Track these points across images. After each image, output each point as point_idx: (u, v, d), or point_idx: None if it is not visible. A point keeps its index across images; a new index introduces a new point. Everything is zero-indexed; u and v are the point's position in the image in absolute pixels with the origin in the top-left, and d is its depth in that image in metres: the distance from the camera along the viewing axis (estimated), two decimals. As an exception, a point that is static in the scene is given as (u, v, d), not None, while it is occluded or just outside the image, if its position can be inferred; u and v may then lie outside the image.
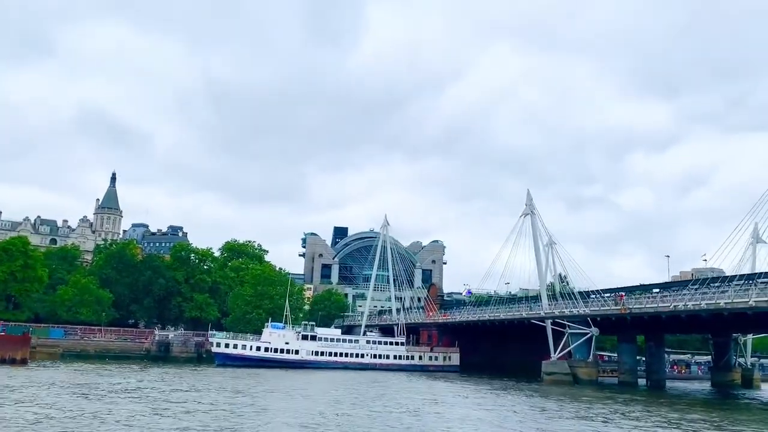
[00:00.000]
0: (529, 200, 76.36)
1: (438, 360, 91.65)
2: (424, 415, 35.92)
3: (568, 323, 74.41)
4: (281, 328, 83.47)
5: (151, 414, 30.27)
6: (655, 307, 55.41)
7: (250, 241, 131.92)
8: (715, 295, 49.10)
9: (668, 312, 53.85)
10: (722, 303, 47.58)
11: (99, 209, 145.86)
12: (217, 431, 26.34)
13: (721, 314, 53.10)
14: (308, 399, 43.33)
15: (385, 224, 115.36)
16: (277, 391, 48.46)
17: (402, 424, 31.52)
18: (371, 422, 31.52)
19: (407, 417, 34.71)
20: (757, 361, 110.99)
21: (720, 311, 49.24)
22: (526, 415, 37.90)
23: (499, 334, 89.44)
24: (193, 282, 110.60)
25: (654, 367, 76.59)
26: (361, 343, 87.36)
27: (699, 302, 49.72)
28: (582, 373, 71.99)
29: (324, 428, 28.72)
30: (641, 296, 64.59)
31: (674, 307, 52.39)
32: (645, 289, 65.52)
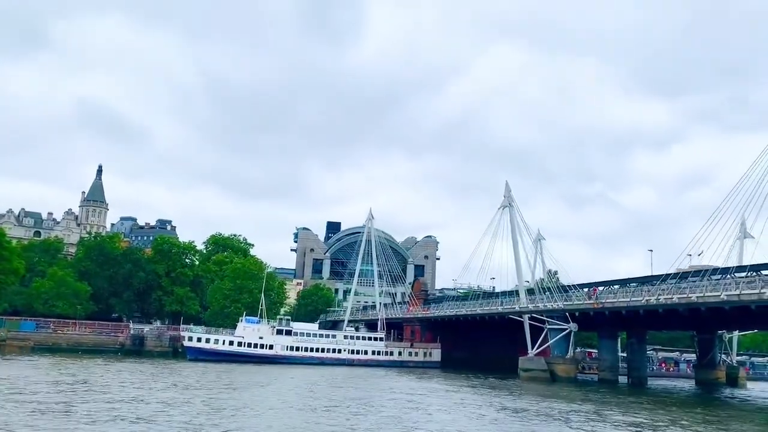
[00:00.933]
0: (508, 192, 74.45)
1: (418, 356, 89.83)
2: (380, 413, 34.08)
3: (547, 319, 72.63)
4: (256, 322, 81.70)
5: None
6: (627, 301, 53.46)
7: (236, 234, 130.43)
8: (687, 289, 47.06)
9: (643, 306, 51.91)
10: (694, 297, 45.55)
11: (84, 202, 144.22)
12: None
13: (698, 309, 51.18)
14: (263, 392, 41.52)
15: (369, 218, 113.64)
16: (237, 387, 46.59)
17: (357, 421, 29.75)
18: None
19: (364, 414, 32.94)
20: (748, 359, 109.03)
21: (695, 306, 47.23)
22: (494, 415, 35.94)
23: (480, 330, 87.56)
24: (174, 275, 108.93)
25: (635, 364, 74.84)
26: (339, 339, 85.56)
27: (671, 296, 47.70)
28: (560, 370, 70.17)
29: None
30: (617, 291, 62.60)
31: (646, 301, 50.41)
32: (623, 284, 63.46)
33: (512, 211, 73.42)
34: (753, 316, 48.60)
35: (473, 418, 34.33)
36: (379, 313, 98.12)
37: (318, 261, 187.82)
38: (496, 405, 40.92)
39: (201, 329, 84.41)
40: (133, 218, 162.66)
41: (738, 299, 42.03)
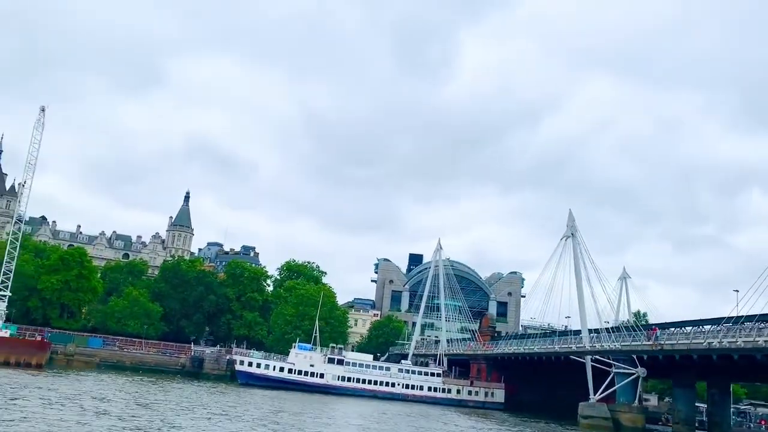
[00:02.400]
0: (571, 221, 69.38)
1: (478, 395, 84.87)
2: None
3: (614, 362, 66.28)
4: (309, 349, 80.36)
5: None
6: (687, 343, 47.11)
7: (310, 261, 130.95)
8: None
9: (703, 351, 45.46)
10: (761, 341, 39.14)
11: (171, 226, 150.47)
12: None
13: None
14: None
15: (438, 249, 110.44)
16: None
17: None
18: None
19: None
20: None
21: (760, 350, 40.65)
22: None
23: (551, 372, 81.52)
24: (243, 300, 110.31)
25: (716, 418, 66.45)
26: (393, 372, 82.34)
27: (735, 339, 41.34)
28: (625, 419, 63.35)
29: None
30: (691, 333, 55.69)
31: (708, 344, 44.11)
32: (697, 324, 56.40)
33: (575, 241, 68.08)
34: None
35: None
36: (440, 348, 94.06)
37: (397, 293, 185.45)
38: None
39: (260, 354, 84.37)
40: (219, 244, 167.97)
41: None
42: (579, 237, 68.21)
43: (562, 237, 70.00)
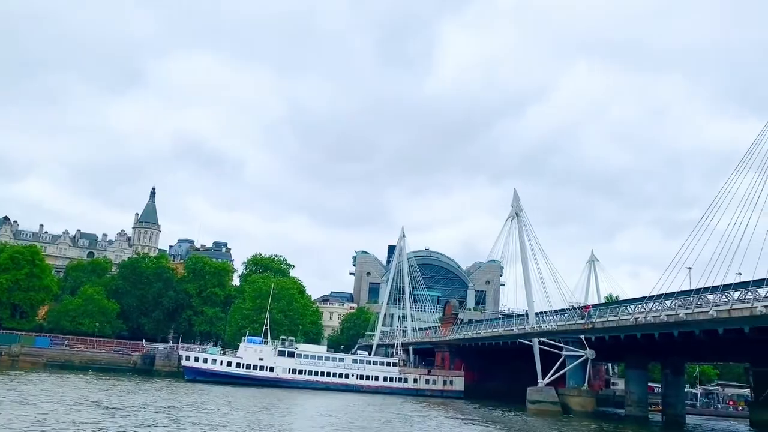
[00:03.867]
0: (516, 201, 67.31)
1: (436, 384, 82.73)
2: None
3: (563, 345, 64.31)
4: (258, 342, 77.98)
5: None
6: (616, 320, 44.99)
7: (277, 255, 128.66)
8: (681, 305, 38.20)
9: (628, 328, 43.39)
10: (682, 314, 36.99)
11: (137, 224, 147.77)
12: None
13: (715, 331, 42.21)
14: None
15: (401, 237, 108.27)
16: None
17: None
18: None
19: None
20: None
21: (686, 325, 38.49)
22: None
23: (510, 358, 79.50)
24: (205, 295, 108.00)
25: (670, 399, 64.46)
26: (347, 363, 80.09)
27: (659, 314, 39.20)
28: (574, 403, 61.57)
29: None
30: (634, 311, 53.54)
31: (635, 320, 41.99)
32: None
33: (520, 221, 66.00)
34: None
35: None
36: (396, 338, 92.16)
37: (376, 285, 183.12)
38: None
39: (216, 350, 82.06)
40: (190, 240, 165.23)
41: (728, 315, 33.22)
42: (524, 216, 66.13)
43: (507, 217, 67.93)
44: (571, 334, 54.12)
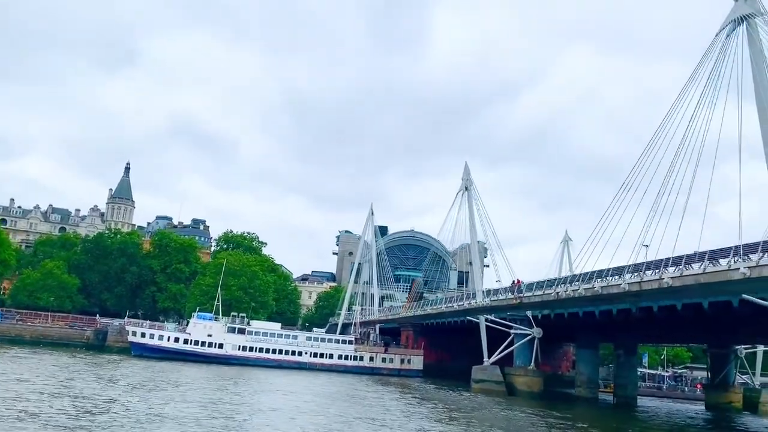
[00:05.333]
0: (467, 174, 65.20)
1: (393, 362, 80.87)
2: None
3: (512, 323, 62.21)
4: (209, 318, 76.08)
5: None
6: (540, 294, 42.73)
7: (249, 232, 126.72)
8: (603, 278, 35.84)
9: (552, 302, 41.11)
10: (597, 287, 34.65)
11: (111, 199, 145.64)
12: None
13: (698, 309, 40.02)
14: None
15: (370, 214, 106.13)
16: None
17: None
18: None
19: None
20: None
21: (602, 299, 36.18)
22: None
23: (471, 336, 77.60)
24: (169, 271, 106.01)
25: (621, 380, 62.40)
26: (300, 340, 78.16)
27: (577, 287, 36.92)
28: (519, 383, 59.55)
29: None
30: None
31: (556, 294, 39.70)
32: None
33: (470, 195, 63.72)
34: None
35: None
36: (354, 316, 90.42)
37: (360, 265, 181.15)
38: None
39: (174, 326, 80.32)
40: (168, 217, 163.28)
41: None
42: (474, 190, 63.81)
43: (458, 190, 65.72)
44: (502, 310, 51.88)
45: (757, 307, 31.95)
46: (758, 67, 29.01)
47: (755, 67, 29.15)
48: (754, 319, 34.19)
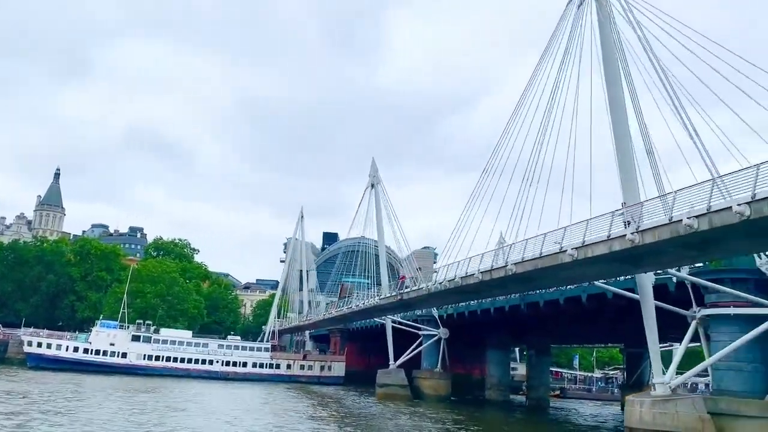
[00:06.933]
0: (374, 171, 62.70)
1: (312, 370, 77.77)
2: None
3: (420, 324, 59.94)
4: (113, 327, 72.06)
5: None
6: (416, 290, 40.27)
7: (181, 239, 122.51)
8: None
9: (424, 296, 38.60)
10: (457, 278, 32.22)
11: (39, 206, 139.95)
12: None
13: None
14: None
15: (299, 218, 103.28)
16: None
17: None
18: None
19: None
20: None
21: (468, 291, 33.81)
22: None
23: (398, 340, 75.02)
24: (90, 279, 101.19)
25: (534, 382, 60.33)
26: (212, 348, 74.55)
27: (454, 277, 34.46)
28: (426, 386, 57.19)
29: None
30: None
31: (427, 289, 37.26)
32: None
33: (377, 192, 61.45)
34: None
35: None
36: (271, 323, 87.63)
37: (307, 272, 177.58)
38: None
39: (85, 337, 75.97)
40: (104, 225, 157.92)
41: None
42: (382, 187, 61.50)
43: (366, 186, 63.36)
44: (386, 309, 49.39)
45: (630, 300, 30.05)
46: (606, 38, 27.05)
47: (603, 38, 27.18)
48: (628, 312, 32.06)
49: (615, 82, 27.11)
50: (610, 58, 26.94)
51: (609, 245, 21.44)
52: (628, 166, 25.83)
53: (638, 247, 20.14)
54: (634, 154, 26.23)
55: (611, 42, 26.96)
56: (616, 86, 27.11)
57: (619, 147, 26.19)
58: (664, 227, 18.96)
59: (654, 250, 20.79)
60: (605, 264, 23.65)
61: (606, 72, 26.91)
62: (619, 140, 26.26)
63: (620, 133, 26.30)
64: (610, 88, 27.13)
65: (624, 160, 25.87)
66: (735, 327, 26.19)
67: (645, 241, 19.80)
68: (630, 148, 26.12)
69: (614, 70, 27.24)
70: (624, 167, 25.83)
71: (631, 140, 26.34)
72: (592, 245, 22.37)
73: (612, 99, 26.98)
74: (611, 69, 26.88)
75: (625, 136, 26.24)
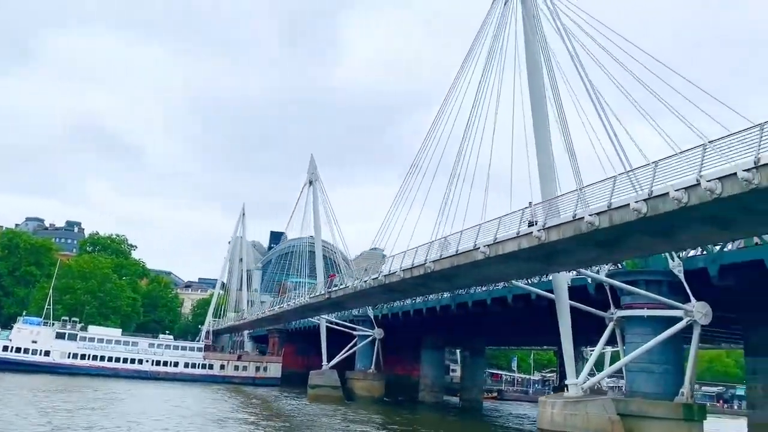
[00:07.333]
0: (313, 168, 61.70)
1: (247, 370, 75.96)
2: None
3: (356, 324, 59.19)
4: (36, 324, 68.89)
5: None
6: (343, 288, 39.56)
7: (119, 234, 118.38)
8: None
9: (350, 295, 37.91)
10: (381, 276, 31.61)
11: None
12: None
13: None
14: None
15: (241, 216, 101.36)
16: None
17: None
18: None
19: None
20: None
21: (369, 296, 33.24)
22: None
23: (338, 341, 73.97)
24: (18, 274, 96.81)
25: (467, 383, 60.33)
26: (141, 347, 72.03)
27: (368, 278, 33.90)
28: (359, 387, 56.38)
29: None
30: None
31: (354, 287, 36.57)
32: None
33: (315, 189, 60.55)
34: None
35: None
36: (207, 323, 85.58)
37: (249, 271, 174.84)
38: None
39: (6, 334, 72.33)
40: (39, 219, 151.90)
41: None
42: (320, 184, 60.65)
43: (304, 183, 62.48)
44: (319, 308, 48.46)
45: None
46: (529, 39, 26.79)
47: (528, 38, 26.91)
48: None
49: (537, 83, 26.89)
50: (533, 59, 26.69)
51: (518, 242, 21.09)
52: (547, 165, 25.60)
53: (545, 244, 19.82)
54: (552, 155, 26.01)
55: (535, 42, 26.71)
56: (538, 86, 26.89)
57: (539, 146, 25.96)
58: (568, 224, 18.67)
59: (563, 249, 20.53)
60: (519, 262, 23.32)
61: (529, 72, 26.66)
62: (539, 140, 26.03)
63: (541, 132, 26.08)
64: (533, 88, 26.90)
65: (543, 159, 25.65)
66: (648, 328, 26.25)
67: (551, 239, 19.49)
68: (549, 148, 25.90)
69: (537, 71, 27.00)
70: (543, 166, 25.60)
71: (550, 140, 26.12)
72: (503, 242, 21.99)
73: (534, 98, 26.76)
74: (534, 70, 26.63)
75: (545, 136, 26.02)
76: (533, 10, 27.20)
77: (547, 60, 27.21)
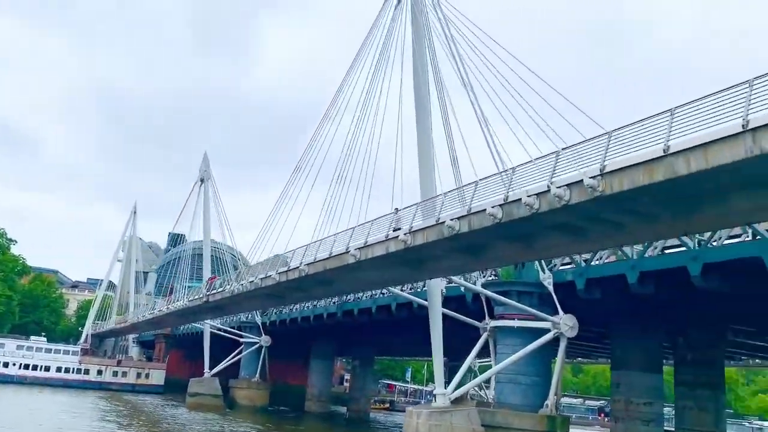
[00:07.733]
0: (205, 165, 59.55)
1: (127, 377, 71.75)
2: None
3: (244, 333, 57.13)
4: None
5: None
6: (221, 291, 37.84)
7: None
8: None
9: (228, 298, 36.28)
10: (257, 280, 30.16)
11: None
12: None
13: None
14: None
15: (132, 214, 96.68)
16: None
17: None
18: None
19: None
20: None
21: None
22: None
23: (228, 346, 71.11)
24: None
25: (356, 393, 59.45)
26: (8, 349, 66.60)
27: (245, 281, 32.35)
28: (241, 396, 54.26)
29: None
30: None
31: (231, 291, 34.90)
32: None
33: (207, 187, 58.34)
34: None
35: None
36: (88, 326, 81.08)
37: (144, 274, 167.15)
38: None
39: None
40: None
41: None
42: (212, 182, 58.50)
43: (195, 181, 60.04)
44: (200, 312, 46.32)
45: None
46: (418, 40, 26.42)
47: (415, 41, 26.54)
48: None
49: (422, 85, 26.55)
50: (419, 62, 26.32)
51: (386, 246, 20.46)
52: (428, 168, 25.24)
53: (411, 249, 19.28)
54: (435, 159, 25.71)
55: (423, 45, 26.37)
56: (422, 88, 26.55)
57: (420, 149, 25.60)
58: (432, 228, 18.21)
59: (430, 254, 20.08)
60: (391, 267, 22.68)
61: (415, 73, 26.29)
62: (421, 143, 25.68)
63: (423, 136, 25.73)
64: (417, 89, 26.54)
65: (424, 162, 25.28)
66: (518, 339, 26.34)
67: (416, 242, 18.98)
68: (430, 151, 25.58)
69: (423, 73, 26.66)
70: (424, 169, 25.22)
71: (432, 143, 25.81)
72: (372, 246, 21.30)
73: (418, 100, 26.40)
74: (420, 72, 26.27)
75: (426, 140, 25.68)
76: (421, 19, 26.86)
77: (434, 66, 27.00)
